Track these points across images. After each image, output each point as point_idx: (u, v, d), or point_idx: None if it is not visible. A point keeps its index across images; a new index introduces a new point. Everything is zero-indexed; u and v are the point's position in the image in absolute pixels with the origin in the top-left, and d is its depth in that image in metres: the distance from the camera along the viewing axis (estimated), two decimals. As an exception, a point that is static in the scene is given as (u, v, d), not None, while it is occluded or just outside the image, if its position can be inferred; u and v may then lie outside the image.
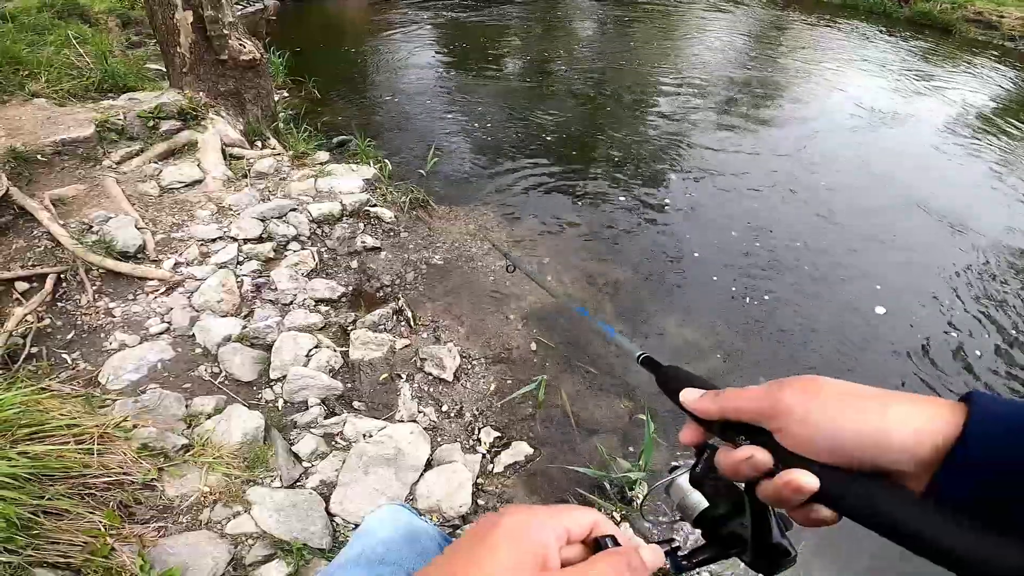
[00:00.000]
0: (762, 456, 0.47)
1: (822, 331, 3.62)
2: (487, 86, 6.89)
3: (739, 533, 0.52)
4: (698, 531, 0.57)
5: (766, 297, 3.84)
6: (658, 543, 0.52)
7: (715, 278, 3.99)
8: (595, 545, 0.50)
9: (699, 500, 0.55)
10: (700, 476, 0.56)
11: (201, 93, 4.61)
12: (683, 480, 0.57)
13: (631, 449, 2.66)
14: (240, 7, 9.08)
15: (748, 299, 3.82)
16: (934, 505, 0.40)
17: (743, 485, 0.51)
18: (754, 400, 0.50)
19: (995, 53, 10.21)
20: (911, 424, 0.43)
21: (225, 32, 4.52)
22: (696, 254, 4.22)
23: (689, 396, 0.57)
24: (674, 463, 0.61)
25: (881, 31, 10.77)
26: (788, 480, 0.45)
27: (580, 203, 4.74)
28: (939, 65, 9.29)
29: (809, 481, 0.44)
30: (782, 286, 3.96)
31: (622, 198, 4.85)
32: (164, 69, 5.07)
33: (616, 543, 0.50)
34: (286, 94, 6.04)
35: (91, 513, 1.71)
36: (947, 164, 6.04)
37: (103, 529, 1.68)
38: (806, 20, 11.12)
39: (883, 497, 0.42)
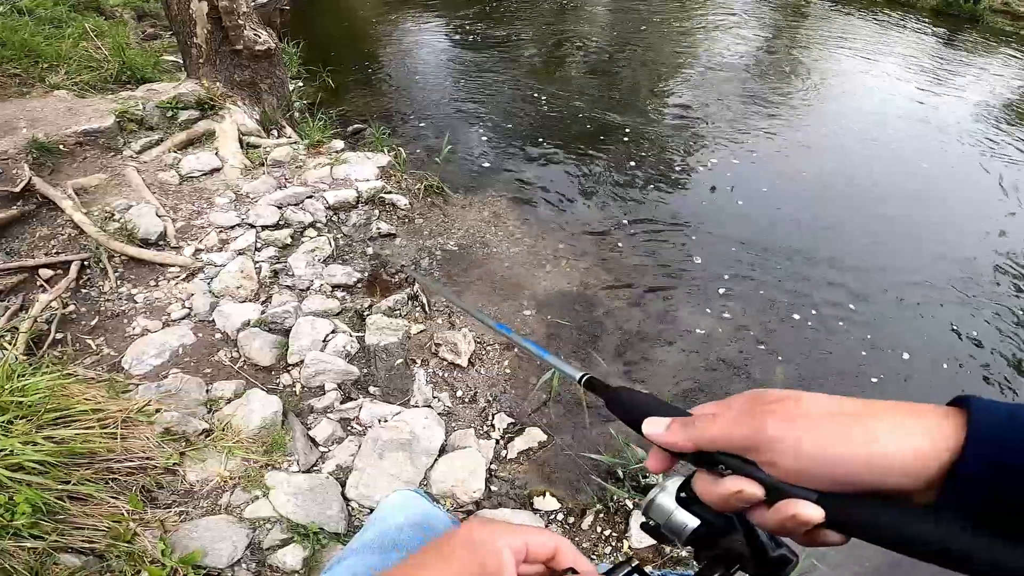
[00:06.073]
0: (753, 489, 0.44)
1: (851, 319, 3.56)
2: (502, 72, 6.78)
3: (737, 549, 0.48)
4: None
5: (789, 290, 3.76)
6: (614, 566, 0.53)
7: (732, 269, 3.91)
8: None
9: (686, 518, 0.50)
10: (687, 499, 0.51)
11: (218, 83, 4.59)
12: (664, 499, 0.52)
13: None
14: (256, -3, 9.03)
15: (769, 290, 3.75)
16: (941, 515, 0.39)
17: None
18: (731, 431, 0.46)
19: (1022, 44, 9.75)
20: (909, 443, 0.40)
21: (240, 22, 4.48)
22: (713, 245, 4.13)
23: (654, 429, 0.51)
24: (651, 482, 0.56)
25: (904, 19, 10.34)
26: (792, 514, 0.42)
27: (596, 190, 4.67)
28: (967, 54, 8.93)
29: (813, 512, 0.41)
30: (803, 278, 3.88)
31: (638, 185, 4.77)
32: (180, 60, 5.05)
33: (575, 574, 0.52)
34: (301, 84, 5.98)
35: (114, 498, 1.72)
36: (976, 157, 5.80)
37: (126, 514, 1.68)
38: (826, 5, 10.77)
39: (891, 516, 0.40)
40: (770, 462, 0.44)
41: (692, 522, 0.50)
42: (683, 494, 0.51)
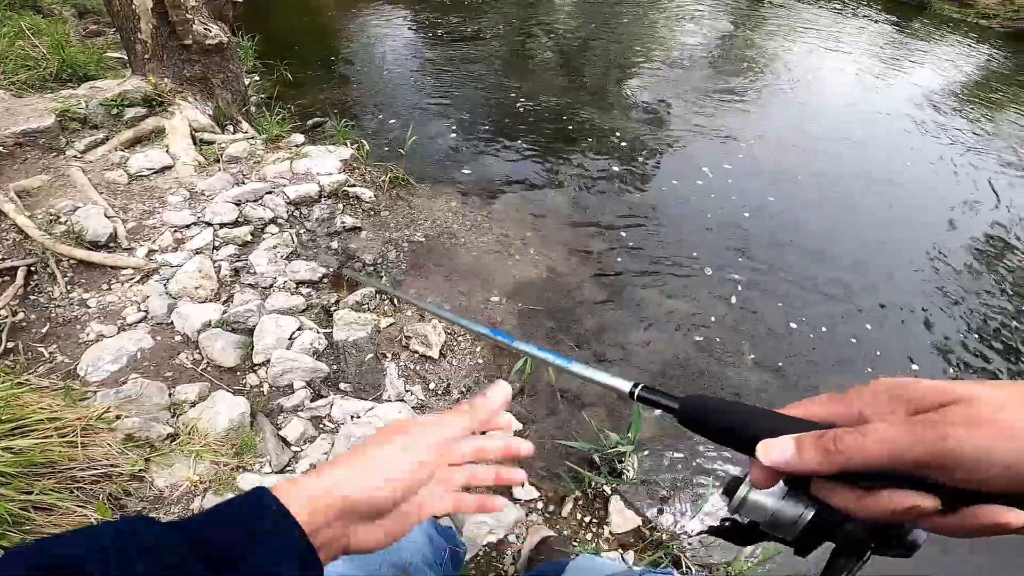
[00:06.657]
0: (931, 503, 0.38)
1: (805, 311, 3.66)
2: (466, 64, 6.72)
3: (860, 536, 0.45)
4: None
5: (747, 277, 3.85)
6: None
7: (695, 254, 3.98)
8: None
9: (797, 510, 0.47)
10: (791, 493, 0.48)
11: (166, 79, 4.43)
12: (759, 495, 0.49)
13: (618, 422, 2.65)
14: (203, -11, 8.71)
15: (728, 276, 3.83)
16: None
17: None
18: (899, 448, 0.38)
19: (970, 31, 10.17)
20: None
21: (188, 16, 4.32)
22: (676, 228, 4.21)
23: (779, 456, 0.43)
24: (735, 475, 0.52)
25: (857, 8, 10.63)
26: (1002, 522, 0.37)
27: (562, 178, 4.68)
28: (914, 41, 9.28)
29: (1019, 518, 0.37)
30: (763, 267, 3.98)
31: (604, 172, 4.80)
32: (125, 57, 4.86)
33: None
34: (257, 78, 5.81)
35: (81, 507, 1.65)
36: (926, 143, 6.03)
37: (95, 522, 1.63)
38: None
39: None
40: (964, 480, 0.37)
41: (807, 512, 0.47)
42: (788, 489, 0.48)
